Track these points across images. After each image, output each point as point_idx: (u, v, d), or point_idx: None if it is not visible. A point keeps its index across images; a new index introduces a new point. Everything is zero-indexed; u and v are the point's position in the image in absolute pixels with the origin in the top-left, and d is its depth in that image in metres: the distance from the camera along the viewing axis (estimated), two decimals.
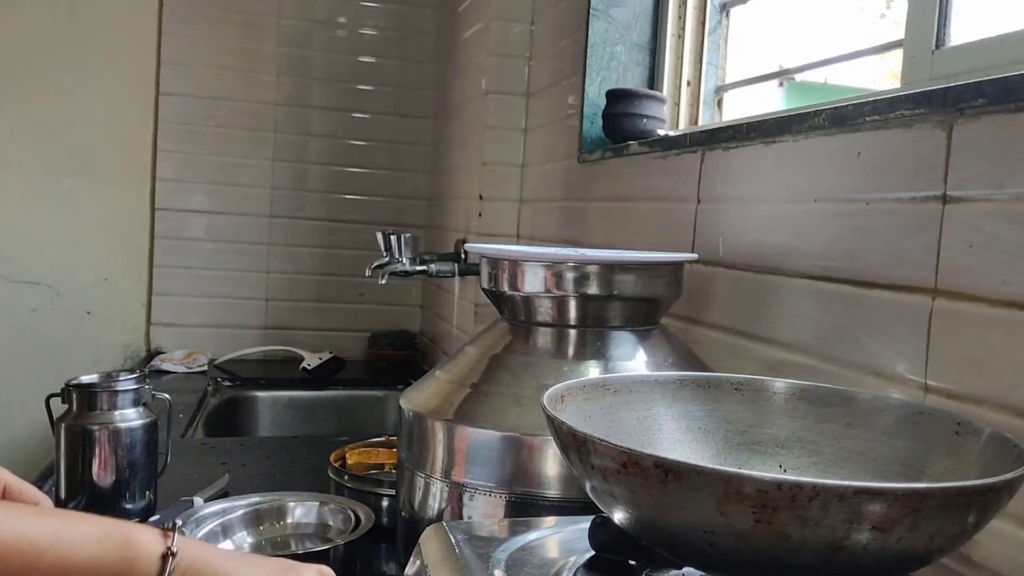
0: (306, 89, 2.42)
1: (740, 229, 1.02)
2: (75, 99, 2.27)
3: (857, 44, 1.03)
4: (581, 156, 1.51)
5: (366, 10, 2.44)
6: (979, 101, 0.67)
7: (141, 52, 2.30)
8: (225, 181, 2.37)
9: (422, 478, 0.83)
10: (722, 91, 1.41)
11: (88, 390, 1.07)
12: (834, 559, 0.42)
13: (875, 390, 0.76)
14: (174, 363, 2.19)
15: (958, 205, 0.70)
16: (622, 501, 0.47)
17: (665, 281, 0.87)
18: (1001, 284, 0.65)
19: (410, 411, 0.85)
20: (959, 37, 0.85)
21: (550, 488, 0.76)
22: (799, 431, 0.65)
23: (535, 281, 0.84)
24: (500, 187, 1.84)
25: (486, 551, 0.60)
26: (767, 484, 0.41)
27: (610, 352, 0.83)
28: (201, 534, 0.89)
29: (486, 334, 0.90)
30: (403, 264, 1.65)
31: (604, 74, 1.50)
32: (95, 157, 2.30)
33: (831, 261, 0.85)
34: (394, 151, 2.49)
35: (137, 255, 2.35)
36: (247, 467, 1.37)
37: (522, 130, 1.84)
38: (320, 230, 2.45)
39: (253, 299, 2.41)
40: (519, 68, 1.83)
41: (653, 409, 0.65)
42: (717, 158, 1.08)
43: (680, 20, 1.46)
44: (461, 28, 2.14)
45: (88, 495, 1.06)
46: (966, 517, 0.43)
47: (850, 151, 0.83)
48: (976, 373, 0.67)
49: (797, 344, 0.90)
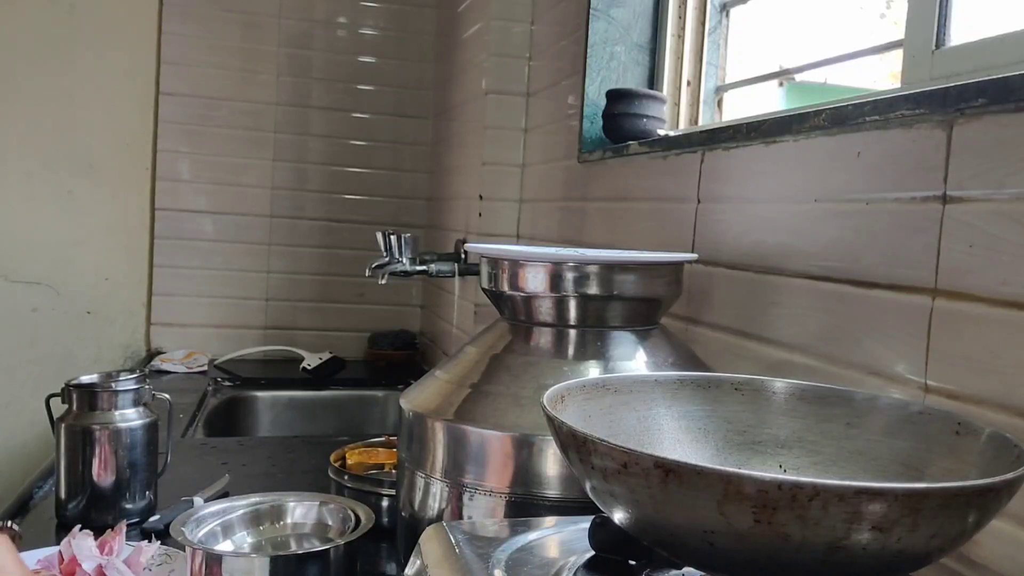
0: (306, 89, 2.42)
1: (740, 229, 1.02)
2: (75, 99, 2.27)
3: (857, 44, 1.03)
4: (581, 156, 1.51)
5: (366, 10, 2.44)
6: (979, 101, 0.67)
7: (141, 52, 2.30)
8: (225, 181, 2.37)
9: (422, 478, 0.83)
10: (722, 91, 1.41)
11: (88, 390, 1.07)
12: (834, 559, 0.42)
13: (875, 390, 0.76)
14: (174, 363, 2.19)
15: (958, 205, 0.70)
16: (622, 501, 0.47)
17: (665, 281, 0.87)
18: (1001, 284, 0.65)
19: (410, 411, 0.85)
20: (959, 37, 0.84)
21: (550, 488, 0.76)
22: (799, 431, 0.65)
23: (535, 281, 0.84)
24: (500, 187, 1.84)
25: (486, 551, 0.60)
26: (767, 484, 0.41)
27: (610, 352, 0.83)
28: (201, 534, 0.89)
29: (486, 334, 0.90)
30: (403, 264, 1.65)
31: (604, 74, 1.50)
32: (95, 157, 2.30)
33: (831, 261, 0.85)
34: (394, 151, 2.49)
35: (137, 255, 2.35)
36: (247, 467, 1.37)
37: (522, 130, 1.84)
38: (320, 230, 2.45)
39: (253, 299, 2.41)
40: (519, 68, 1.83)
41: (653, 409, 0.65)
42: (717, 158, 1.08)
43: (680, 20, 1.46)
44: (461, 28, 2.14)
45: (88, 495, 1.06)
46: (966, 517, 0.43)
47: (850, 151, 0.83)
48: (976, 373, 0.67)
49: (797, 344, 0.90)
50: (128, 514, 1.06)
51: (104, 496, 1.06)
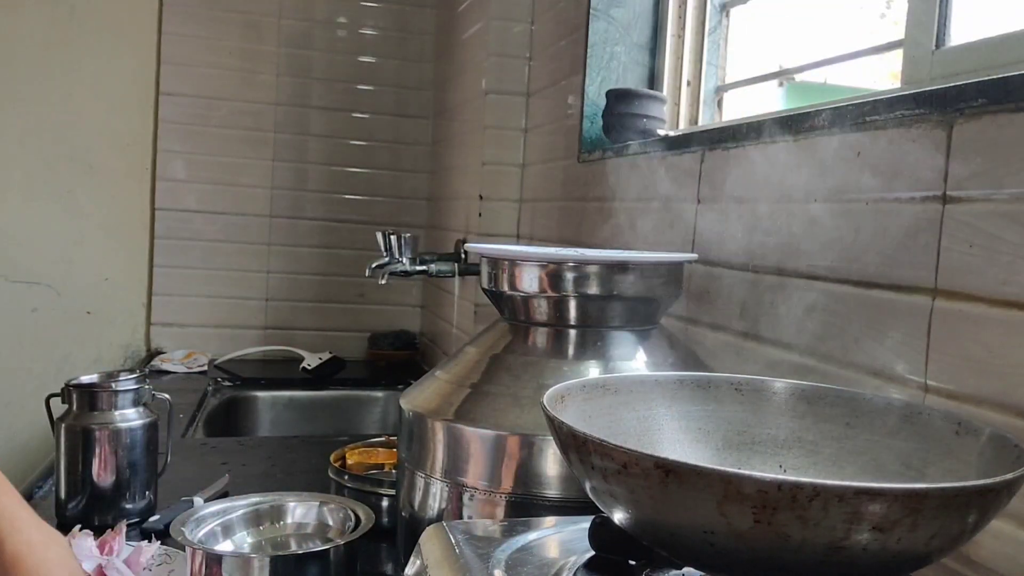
0: (306, 89, 2.42)
1: (740, 229, 1.01)
2: (75, 99, 2.27)
3: (857, 44, 1.03)
4: (581, 156, 1.51)
5: (366, 10, 2.44)
6: (979, 101, 0.67)
7: (141, 52, 2.30)
8: (225, 181, 2.37)
9: (422, 478, 0.83)
10: (722, 91, 1.41)
11: (88, 390, 1.07)
12: (834, 559, 0.42)
13: (875, 390, 0.76)
14: (174, 363, 2.19)
15: (958, 205, 0.70)
16: (622, 501, 0.47)
17: (665, 281, 0.87)
18: (1001, 284, 0.65)
19: (410, 411, 0.85)
20: (959, 37, 0.84)
21: (550, 488, 0.76)
22: (799, 431, 0.65)
23: (535, 281, 0.84)
24: (500, 187, 1.84)
25: (486, 551, 0.60)
26: (767, 484, 0.41)
27: (610, 352, 0.83)
28: (201, 534, 0.89)
29: (486, 334, 0.90)
30: (403, 264, 1.65)
31: (604, 74, 1.50)
32: (95, 157, 2.30)
33: (831, 261, 0.85)
34: (394, 151, 2.49)
35: (137, 255, 2.35)
36: (247, 467, 1.37)
37: (522, 130, 1.84)
38: (320, 230, 2.45)
39: (253, 299, 2.41)
40: (519, 68, 1.83)
41: (653, 409, 0.65)
42: (717, 158, 1.08)
43: (680, 20, 1.46)
44: (461, 28, 2.14)
45: (88, 495, 1.06)
46: (966, 517, 0.43)
47: (850, 151, 0.83)
48: (976, 373, 0.67)
49: (797, 344, 0.89)
50: (128, 514, 1.06)
51: (104, 496, 1.06)
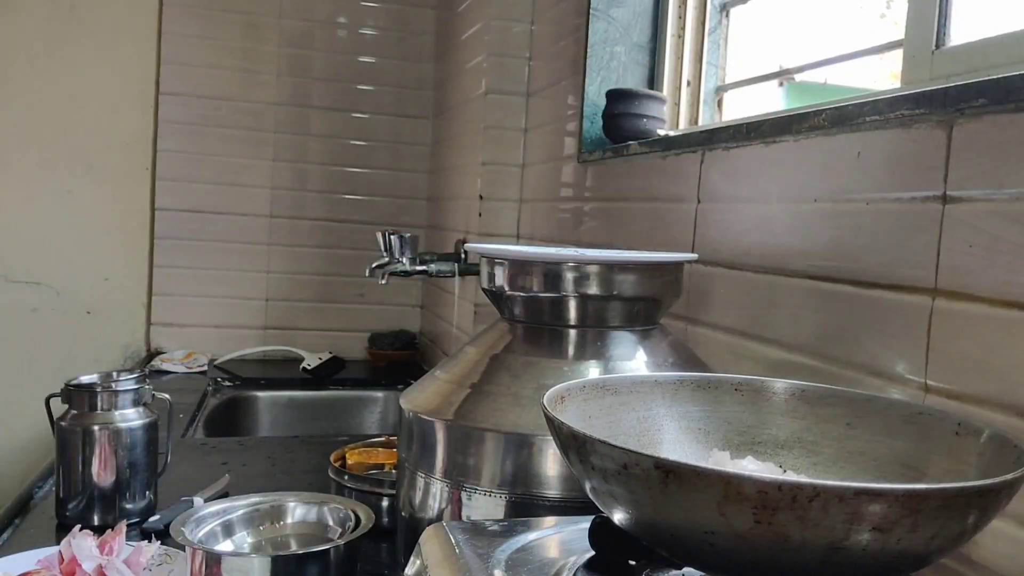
0: (306, 89, 2.42)
1: (740, 229, 1.01)
2: (75, 99, 2.27)
3: (857, 44, 1.03)
4: (581, 156, 1.51)
5: (366, 10, 2.44)
6: (979, 101, 0.67)
7: (141, 52, 2.30)
8: (225, 181, 2.37)
9: (422, 478, 0.83)
10: (722, 91, 1.41)
11: (88, 390, 1.07)
12: (834, 560, 0.42)
13: (875, 390, 0.76)
14: (174, 363, 2.19)
15: (958, 205, 0.70)
16: (622, 501, 0.47)
17: (665, 281, 0.87)
18: (1001, 284, 0.65)
19: (410, 411, 0.85)
20: (959, 37, 0.84)
21: (550, 488, 0.76)
22: (799, 431, 0.65)
23: (535, 281, 0.84)
24: (500, 187, 1.84)
25: (486, 551, 0.59)
26: (767, 485, 0.41)
27: (610, 352, 0.83)
28: (201, 534, 0.89)
29: (486, 334, 0.90)
30: (403, 264, 1.65)
31: (604, 74, 1.50)
32: (95, 157, 2.30)
33: (831, 261, 0.85)
34: (394, 151, 2.49)
35: (137, 255, 2.35)
36: (247, 467, 1.37)
37: (522, 130, 1.84)
38: (320, 230, 2.45)
39: (253, 299, 2.41)
40: (519, 68, 1.83)
41: (653, 409, 0.65)
42: (717, 158, 1.08)
43: (680, 20, 1.46)
44: (461, 28, 2.14)
45: (88, 495, 1.06)
46: (966, 518, 0.43)
47: (850, 151, 0.83)
48: (976, 373, 0.67)
49: (797, 344, 0.89)
50: (128, 514, 1.06)
51: (104, 496, 1.06)
